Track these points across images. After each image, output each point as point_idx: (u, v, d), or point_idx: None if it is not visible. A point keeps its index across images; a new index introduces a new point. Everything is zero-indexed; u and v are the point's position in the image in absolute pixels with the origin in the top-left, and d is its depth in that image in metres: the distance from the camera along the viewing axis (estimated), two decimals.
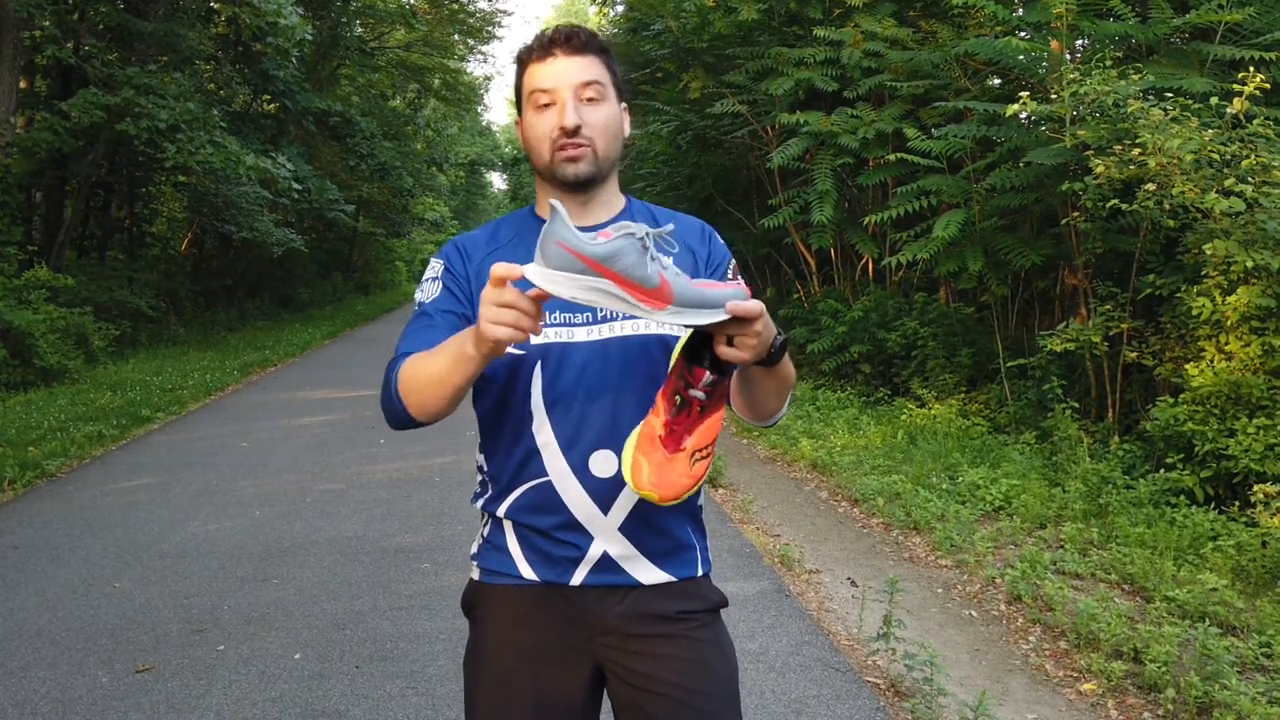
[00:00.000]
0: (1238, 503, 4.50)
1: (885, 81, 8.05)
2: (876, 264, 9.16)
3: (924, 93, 7.81)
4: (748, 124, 9.63)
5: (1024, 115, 6.29)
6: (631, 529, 1.37)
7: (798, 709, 3.00)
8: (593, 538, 1.36)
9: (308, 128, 19.78)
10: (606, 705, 1.46)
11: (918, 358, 7.71)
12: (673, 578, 1.40)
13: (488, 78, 52.80)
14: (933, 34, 8.16)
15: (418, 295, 1.45)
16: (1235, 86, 4.82)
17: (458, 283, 1.42)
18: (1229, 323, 4.73)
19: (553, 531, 1.37)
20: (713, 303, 1.13)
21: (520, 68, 1.40)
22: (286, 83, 17.28)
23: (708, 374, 1.20)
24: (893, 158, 7.54)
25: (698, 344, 1.22)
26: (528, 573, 1.39)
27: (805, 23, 9.06)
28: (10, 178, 11.19)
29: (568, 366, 1.36)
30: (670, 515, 1.41)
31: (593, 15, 27.22)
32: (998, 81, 8.03)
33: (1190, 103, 4.98)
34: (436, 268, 1.45)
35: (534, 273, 1.11)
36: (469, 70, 30.85)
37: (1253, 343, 4.65)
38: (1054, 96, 5.86)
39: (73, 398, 8.89)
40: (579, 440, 1.35)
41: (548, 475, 1.36)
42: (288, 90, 17.54)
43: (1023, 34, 6.84)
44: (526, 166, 37.58)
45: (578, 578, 1.37)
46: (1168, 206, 4.89)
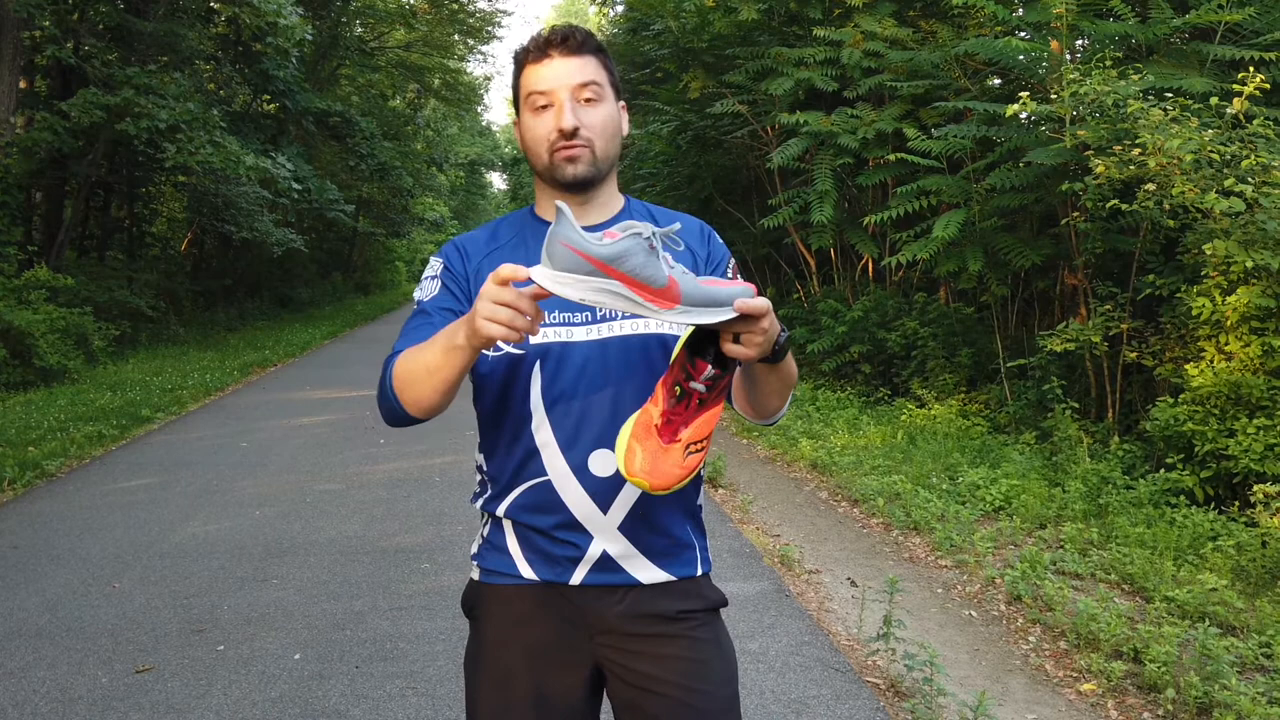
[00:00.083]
0: (1237, 503, 4.50)
1: (885, 81, 8.05)
2: (876, 264, 9.16)
3: (924, 93, 7.80)
4: (748, 124, 9.64)
5: (1024, 115, 6.29)
6: (631, 528, 1.37)
7: (798, 709, 3.00)
8: (592, 537, 1.36)
9: (308, 128, 19.78)
10: (606, 705, 1.46)
11: (917, 358, 7.71)
12: (672, 577, 1.40)
13: (488, 78, 52.75)
14: (933, 34, 8.16)
15: (417, 294, 1.45)
16: (1235, 87, 4.82)
17: (457, 282, 1.43)
18: (1229, 323, 4.73)
19: (552, 531, 1.37)
20: (721, 301, 1.13)
21: (517, 68, 1.40)
22: (286, 83, 17.29)
23: (710, 368, 1.20)
24: (893, 158, 7.54)
25: (702, 338, 1.22)
26: (528, 572, 1.39)
27: (805, 23, 9.06)
28: (10, 178, 11.19)
29: (567, 366, 1.36)
30: (670, 514, 1.41)
31: (592, 15, 27.24)
32: (998, 81, 8.03)
33: (1190, 103, 4.98)
34: (436, 267, 1.45)
35: (541, 275, 1.11)
36: (469, 70, 30.83)
37: (1253, 343, 4.66)
38: (1054, 96, 5.86)
39: (72, 398, 8.89)
40: (578, 439, 1.35)
41: (547, 475, 1.36)
42: (288, 90, 17.55)
43: (1023, 34, 6.84)
44: (526, 166, 37.42)
45: (577, 577, 1.37)
46: (1168, 206, 4.89)
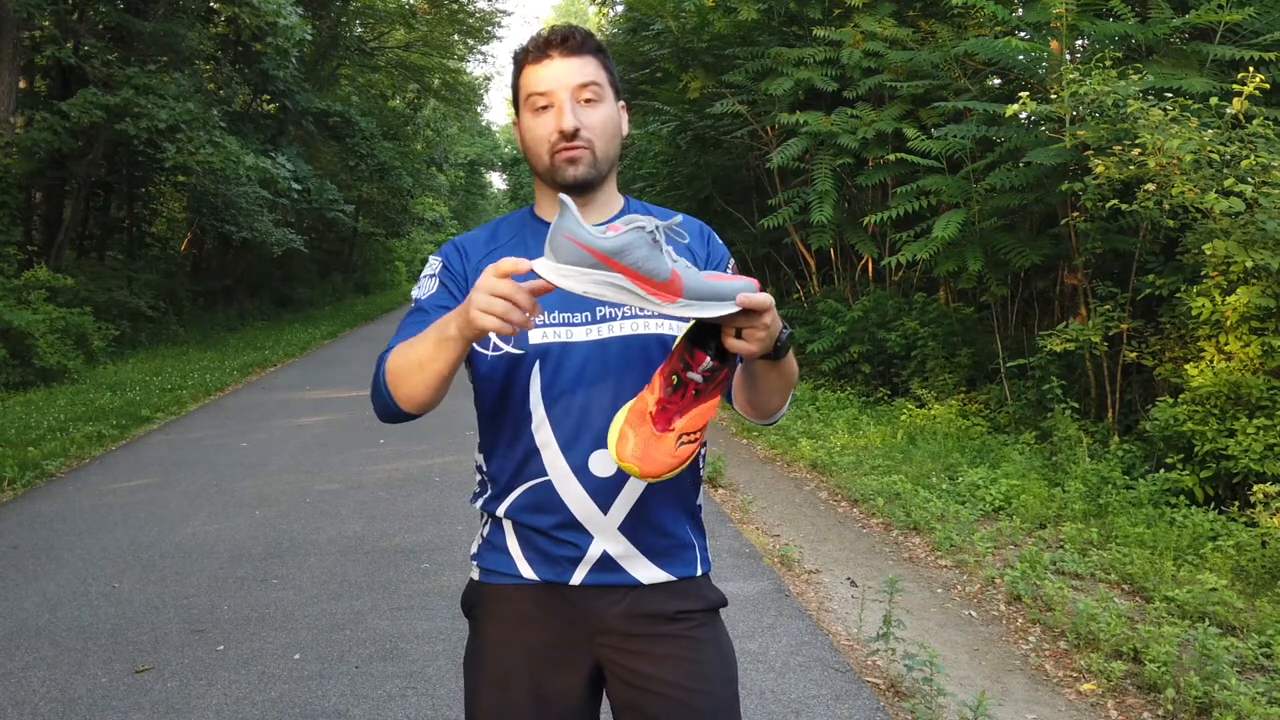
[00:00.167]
0: (1237, 503, 4.50)
1: (885, 81, 8.05)
2: (876, 264, 9.16)
3: (924, 93, 7.80)
4: (747, 124, 9.63)
5: (1024, 115, 6.29)
6: (631, 528, 1.37)
7: (797, 709, 3.00)
8: (592, 537, 1.36)
9: (307, 128, 19.79)
10: (606, 705, 1.46)
11: (917, 358, 7.71)
12: (672, 577, 1.40)
13: (487, 77, 52.72)
14: (932, 34, 8.15)
15: (415, 293, 1.45)
16: (1235, 87, 4.82)
17: (455, 281, 1.43)
18: (1229, 323, 4.73)
19: (552, 531, 1.37)
20: (724, 295, 1.13)
21: (517, 69, 1.40)
22: (286, 83, 17.29)
23: (708, 359, 1.20)
24: (892, 158, 7.54)
25: (703, 330, 1.22)
26: (527, 572, 1.39)
27: (805, 23, 9.06)
28: (10, 178, 11.19)
29: (567, 366, 1.36)
30: (669, 514, 1.41)
31: (592, 15, 27.23)
32: (997, 81, 8.02)
33: (1190, 103, 4.98)
34: (435, 265, 1.45)
35: (544, 268, 1.11)
36: (469, 70, 30.82)
37: (1252, 343, 4.66)
38: (1054, 96, 5.86)
39: (72, 398, 8.89)
40: (579, 440, 1.35)
41: (547, 475, 1.36)
42: (287, 90, 17.55)
43: (1022, 34, 6.83)
44: (526, 166, 37.21)
45: (577, 577, 1.37)
46: (1167, 206, 4.89)
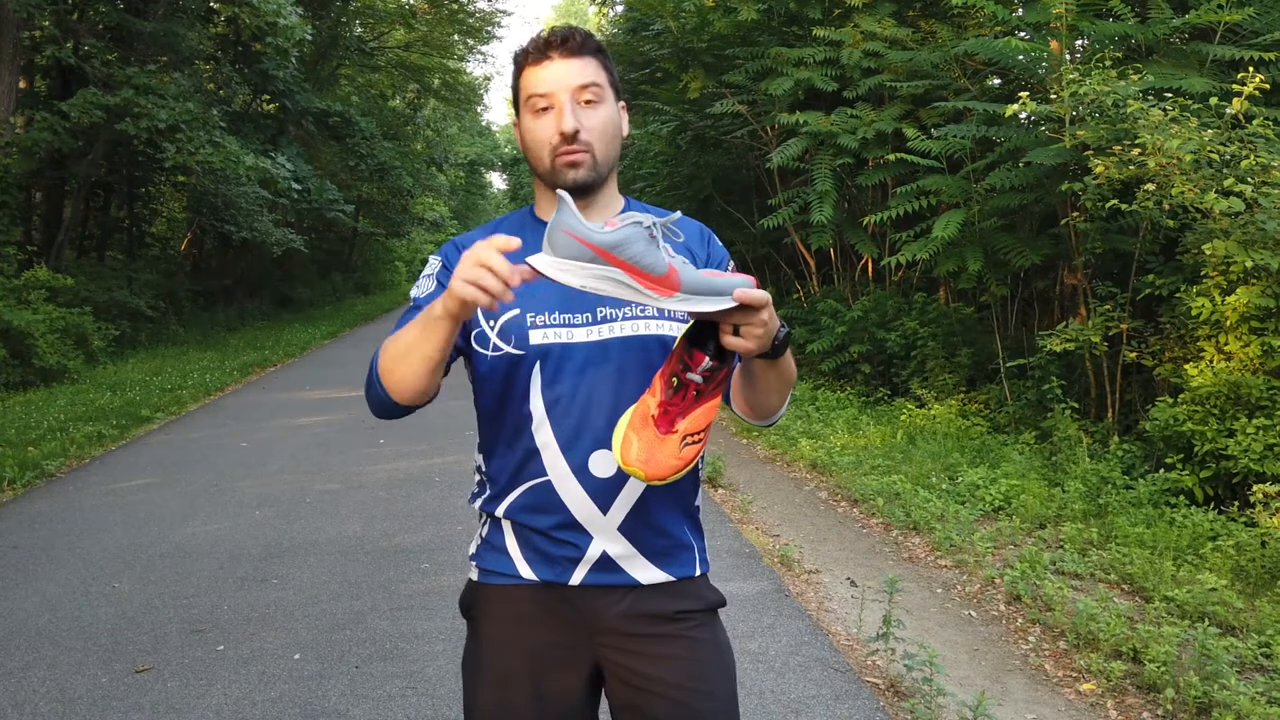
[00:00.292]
0: (1237, 503, 4.50)
1: (885, 81, 8.05)
2: (876, 264, 9.16)
3: (924, 93, 7.80)
4: (747, 124, 9.63)
5: (1023, 115, 6.29)
6: (631, 528, 1.37)
7: (797, 709, 3.00)
8: (592, 537, 1.36)
9: (307, 128, 19.79)
10: (605, 705, 1.46)
11: (917, 358, 7.71)
12: (671, 577, 1.40)
13: (487, 78, 52.72)
14: (932, 34, 8.16)
15: (413, 291, 1.45)
16: (1235, 87, 4.82)
17: (448, 278, 1.42)
18: (1228, 323, 4.73)
19: (552, 531, 1.37)
20: (721, 290, 1.14)
21: (516, 70, 1.40)
22: (286, 83, 17.29)
23: (707, 359, 1.20)
24: (892, 158, 7.54)
25: (702, 331, 1.22)
26: (527, 573, 1.39)
27: (805, 23, 9.06)
28: (10, 177, 11.19)
29: (567, 367, 1.36)
30: (669, 515, 1.41)
31: (592, 15, 27.23)
32: (997, 81, 8.02)
33: (1190, 103, 4.98)
34: (434, 265, 1.46)
35: (543, 262, 1.11)
36: (469, 70, 30.81)
37: (1252, 343, 4.66)
38: (1053, 97, 5.86)
39: (72, 398, 8.89)
40: (579, 440, 1.35)
41: (547, 475, 1.36)
42: (287, 90, 17.55)
43: (1022, 34, 6.83)
44: (526, 166, 37.24)
45: (577, 577, 1.37)
46: (1167, 206, 4.89)
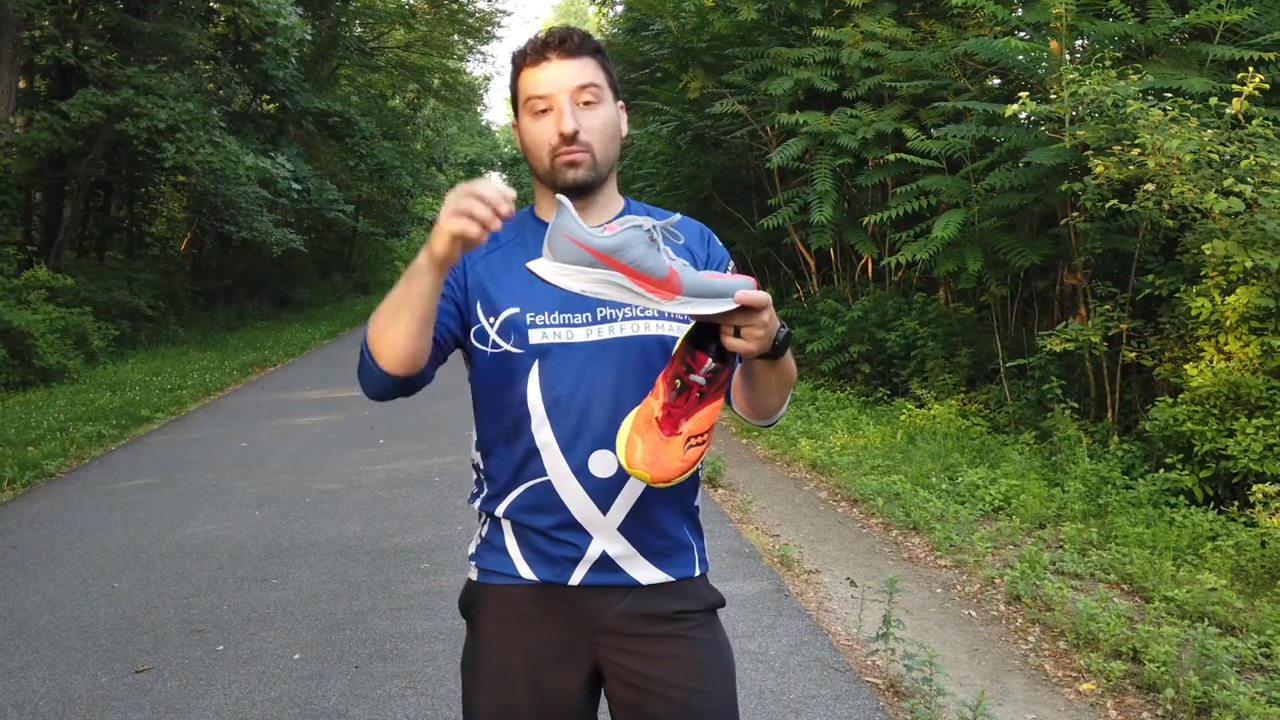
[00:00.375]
0: (1237, 503, 4.50)
1: (885, 81, 8.05)
2: (876, 264, 9.16)
3: (923, 93, 7.80)
4: (747, 124, 9.63)
5: (1023, 115, 6.29)
6: (630, 528, 1.37)
7: (797, 709, 3.00)
8: (591, 537, 1.36)
9: (307, 128, 19.78)
10: (604, 705, 1.46)
11: (917, 358, 7.71)
12: (671, 577, 1.40)
13: (487, 77, 52.62)
14: (932, 34, 8.16)
15: None
16: (1234, 87, 4.82)
17: (453, 274, 1.42)
18: (1228, 323, 4.73)
19: (552, 531, 1.37)
20: (722, 292, 1.14)
21: (514, 71, 1.39)
22: (286, 83, 17.28)
23: (710, 360, 1.20)
24: (892, 158, 7.54)
25: (703, 332, 1.22)
26: (526, 573, 1.39)
27: (805, 23, 9.06)
28: (9, 177, 11.19)
29: (567, 366, 1.36)
30: (668, 515, 1.41)
31: (592, 15, 27.24)
32: (997, 81, 8.02)
33: (1189, 103, 4.98)
34: None
35: (543, 268, 1.11)
36: (468, 70, 30.82)
37: (1252, 343, 4.66)
38: (1053, 97, 5.86)
39: (72, 398, 8.89)
40: (579, 440, 1.35)
41: (547, 475, 1.36)
42: (287, 90, 17.55)
43: (1022, 34, 6.83)
44: (526, 166, 37.31)
45: (576, 577, 1.37)
46: (1167, 207, 4.89)
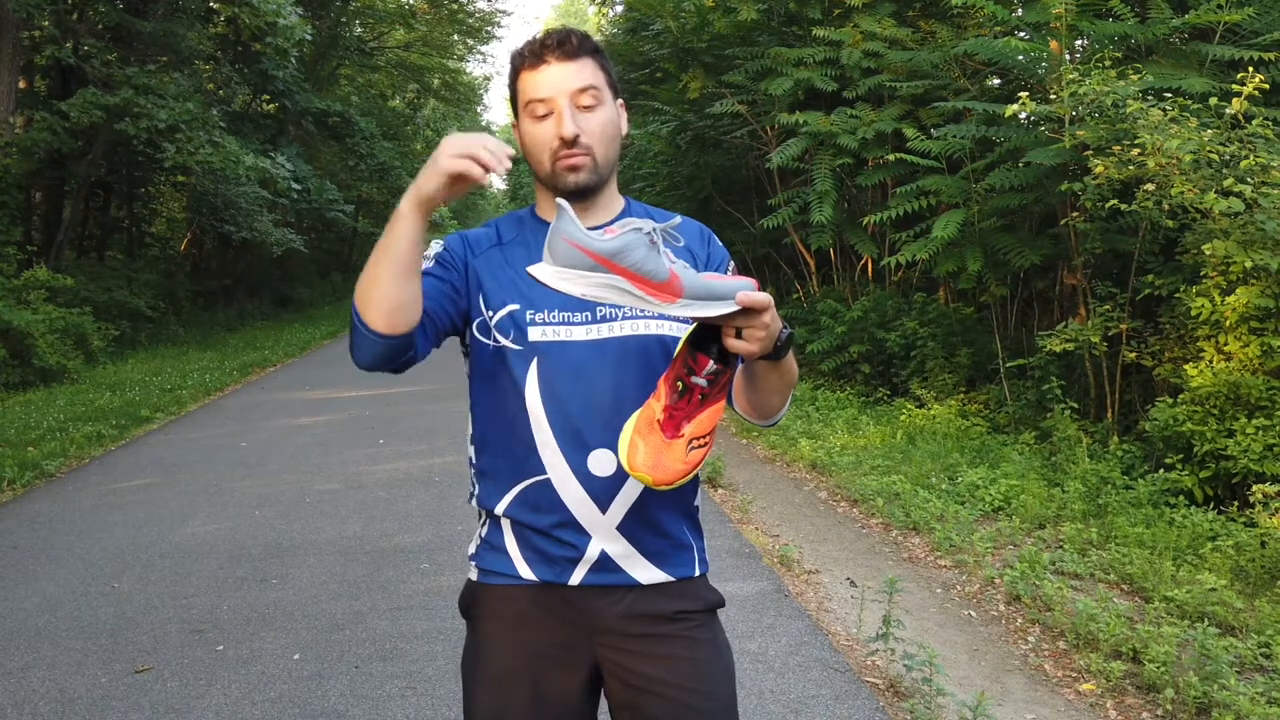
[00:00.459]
0: (1237, 503, 4.50)
1: (884, 81, 8.05)
2: (876, 264, 9.15)
3: (923, 93, 7.80)
4: (747, 124, 9.63)
5: (1023, 115, 6.28)
6: (630, 528, 1.37)
7: (797, 709, 3.00)
8: (590, 536, 1.36)
9: (307, 128, 19.78)
10: (604, 705, 1.46)
11: (917, 358, 7.71)
12: (670, 577, 1.40)
13: (487, 78, 52.45)
14: (932, 34, 8.16)
15: None
16: (1234, 87, 4.82)
17: (452, 262, 1.42)
18: (1228, 323, 4.73)
19: (551, 530, 1.37)
20: (723, 294, 1.13)
21: (513, 73, 1.39)
22: (286, 83, 17.29)
23: (711, 362, 1.20)
24: (892, 158, 7.54)
25: (704, 334, 1.22)
26: (526, 573, 1.39)
27: (804, 23, 9.05)
28: (9, 177, 11.19)
29: (566, 365, 1.36)
30: (668, 515, 1.41)
31: (592, 15, 27.24)
32: (997, 82, 8.02)
33: (1189, 103, 4.98)
34: (435, 248, 1.45)
35: (543, 272, 1.10)
36: (468, 70, 30.85)
37: (1252, 343, 4.65)
38: (1053, 97, 5.86)
39: (72, 398, 8.89)
40: (578, 439, 1.35)
41: (546, 473, 1.36)
42: (287, 90, 17.55)
43: (1022, 34, 6.83)
44: (525, 167, 37.43)
45: (576, 577, 1.37)
46: (1167, 207, 4.89)
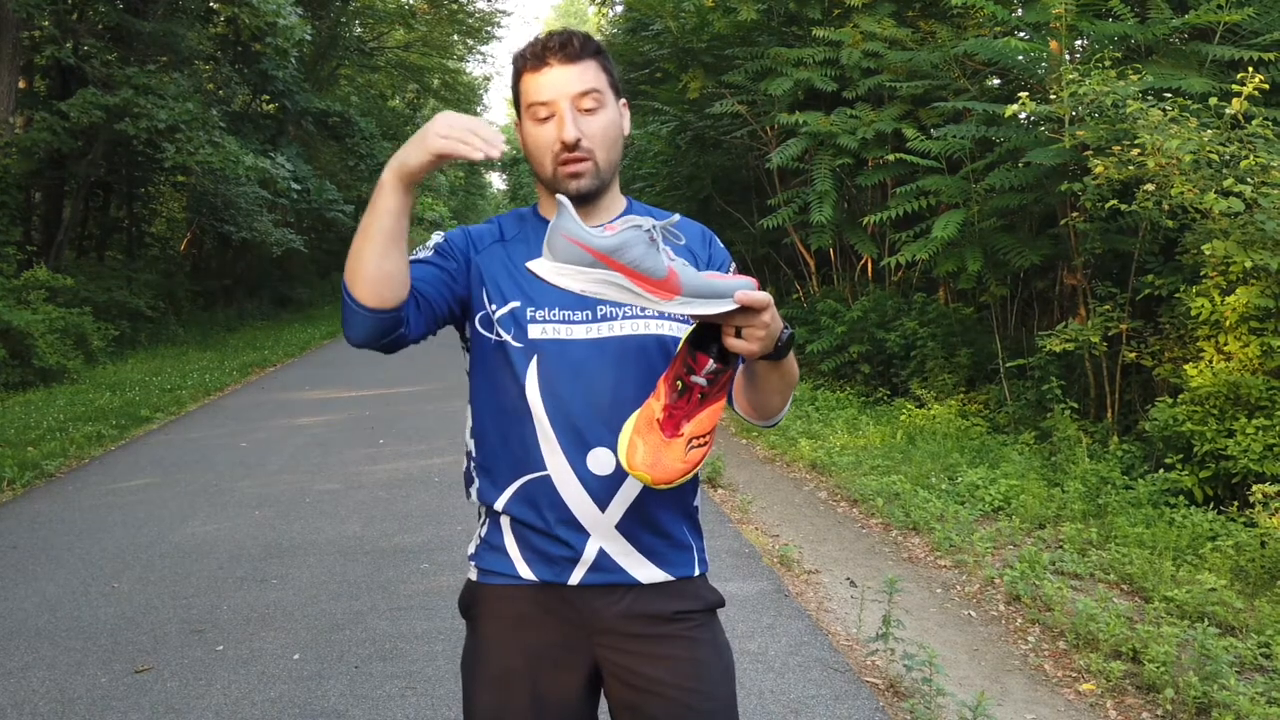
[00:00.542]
0: (1236, 503, 4.50)
1: (884, 82, 8.05)
2: (876, 264, 9.16)
3: (923, 93, 7.80)
4: (747, 124, 9.63)
5: (1023, 116, 6.29)
6: (629, 527, 1.37)
7: (796, 709, 3.00)
8: (589, 535, 1.36)
9: (307, 128, 19.78)
10: (604, 705, 1.46)
11: (917, 358, 7.71)
12: (670, 577, 1.40)
13: (487, 78, 52.68)
14: (932, 34, 8.16)
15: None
16: (1234, 87, 4.82)
17: (451, 250, 1.42)
18: (1228, 323, 4.73)
19: (550, 529, 1.37)
20: (721, 293, 1.13)
21: (516, 75, 1.39)
22: (286, 83, 17.29)
23: (711, 362, 1.20)
24: (892, 158, 7.54)
25: (704, 334, 1.22)
26: (526, 573, 1.39)
27: (804, 23, 9.06)
28: (9, 178, 11.19)
29: (566, 363, 1.36)
30: (667, 515, 1.41)
31: (591, 15, 27.26)
32: (997, 82, 8.03)
33: (1189, 103, 4.98)
34: (437, 238, 1.45)
35: (542, 267, 1.11)
36: (468, 70, 30.86)
37: (1251, 343, 4.66)
38: (1053, 97, 5.86)
39: (72, 398, 8.88)
40: (577, 437, 1.35)
41: (546, 470, 1.36)
42: (287, 90, 17.55)
43: (1022, 34, 6.84)
44: (525, 167, 37.66)
45: (575, 577, 1.37)
46: (1167, 207, 4.89)
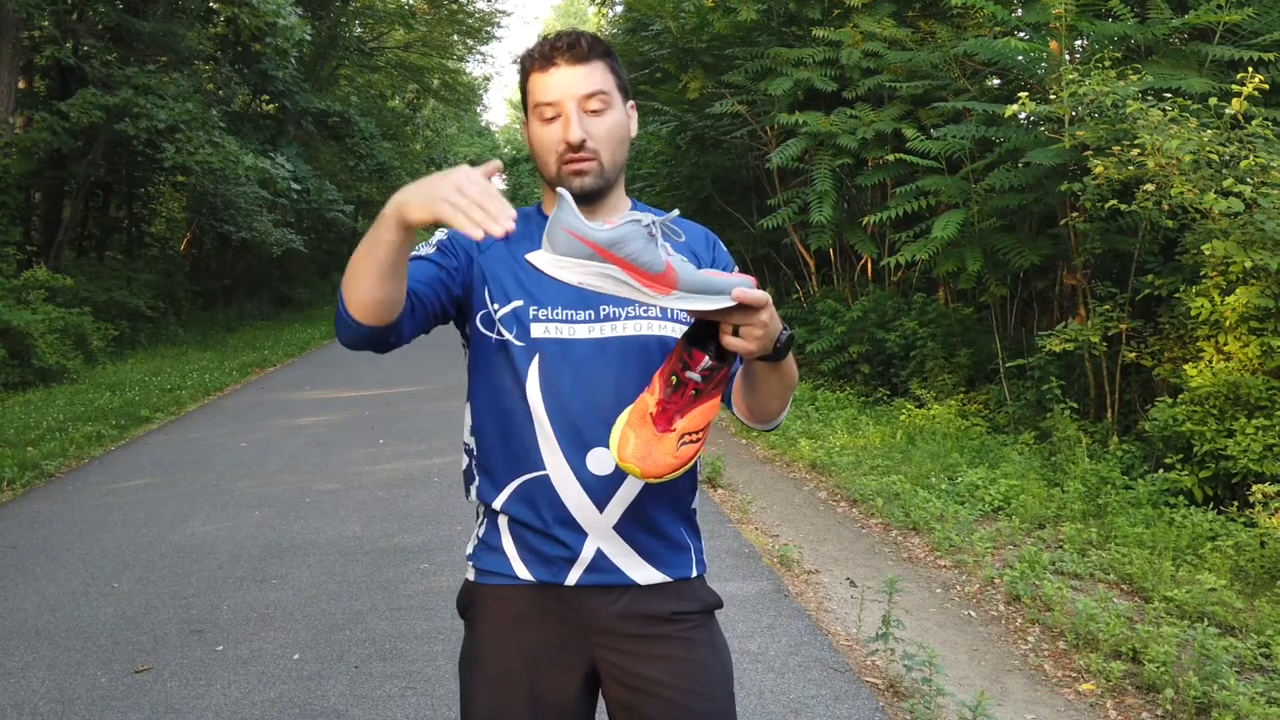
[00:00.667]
0: (1236, 503, 4.50)
1: (884, 82, 8.05)
2: (875, 264, 9.16)
3: (923, 93, 7.80)
4: (747, 124, 9.63)
5: (1023, 116, 6.29)
6: (627, 528, 1.37)
7: (796, 709, 3.00)
8: (587, 535, 1.36)
9: (307, 128, 19.78)
10: (602, 705, 1.46)
11: (916, 358, 7.71)
12: (668, 578, 1.40)
13: (486, 78, 52.70)
14: (932, 34, 8.16)
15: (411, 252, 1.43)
16: (1234, 87, 4.82)
17: (453, 248, 1.41)
18: (1228, 323, 4.73)
19: (548, 529, 1.37)
20: (719, 289, 1.13)
21: (523, 74, 1.39)
22: (285, 83, 17.29)
23: (707, 358, 1.20)
24: (892, 158, 7.54)
25: (702, 331, 1.22)
26: (523, 573, 1.39)
27: (804, 23, 9.06)
28: (9, 178, 11.19)
29: (567, 362, 1.36)
30: (665, 516, 1.41)
31: (592, 15, 27.25)
32: (997, 82, 8.03)
33: (1189, 103, 4.98)
34: (440, 234, 1.43)
35: (541, 259, 1.11)
36: (468, 70, 30.87)
37: (1251, 343, 4.66)
38: (1053, 97, 5.86)
39: (71, 398, 8.89)
40: (577, 436, 1.35)
41: (545, 469, 1.36)
42: (287, 90, 17.55)
43: (1022, 34, 6.84)
44: (526, 167, 37.61)
45: (573, 577, 1.37)
46: (1166, 207, 4.89)
